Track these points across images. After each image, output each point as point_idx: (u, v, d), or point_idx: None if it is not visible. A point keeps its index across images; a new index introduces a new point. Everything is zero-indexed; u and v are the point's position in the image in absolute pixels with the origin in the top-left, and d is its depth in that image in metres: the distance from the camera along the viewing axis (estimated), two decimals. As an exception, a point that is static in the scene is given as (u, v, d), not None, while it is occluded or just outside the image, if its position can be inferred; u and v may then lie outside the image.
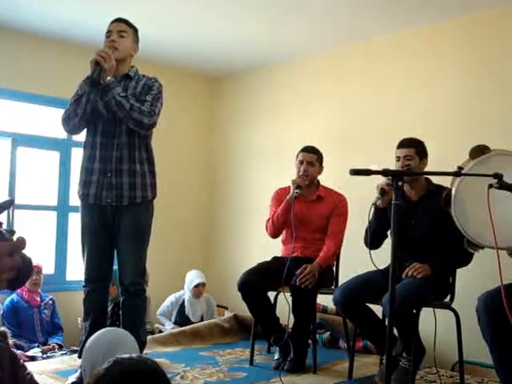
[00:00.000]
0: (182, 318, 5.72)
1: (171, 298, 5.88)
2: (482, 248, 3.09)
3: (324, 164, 4.55)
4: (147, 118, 3.62)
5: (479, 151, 3.05)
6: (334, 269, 4.52)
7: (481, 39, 4.79)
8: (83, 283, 3.83)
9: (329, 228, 4.40)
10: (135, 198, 3.71)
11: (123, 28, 3.77)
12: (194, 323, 5.56)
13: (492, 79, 4.71)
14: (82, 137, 3.92)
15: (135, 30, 3.85)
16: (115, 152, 3.68)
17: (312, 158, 4.45)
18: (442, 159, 4.06)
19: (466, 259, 3.69)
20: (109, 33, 3.75)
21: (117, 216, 3.72)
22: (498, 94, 4.67)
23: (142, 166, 3.75)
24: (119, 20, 3.81)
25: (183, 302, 5.82)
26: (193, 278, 5.81)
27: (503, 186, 2.75)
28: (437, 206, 3.38)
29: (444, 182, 3.53)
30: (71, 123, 3.71)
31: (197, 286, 5.75)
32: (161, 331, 5.48)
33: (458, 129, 4.84)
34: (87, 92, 3.63)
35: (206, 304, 5.88)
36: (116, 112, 3.61)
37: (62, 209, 5.91)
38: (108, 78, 3.58)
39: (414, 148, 3.88)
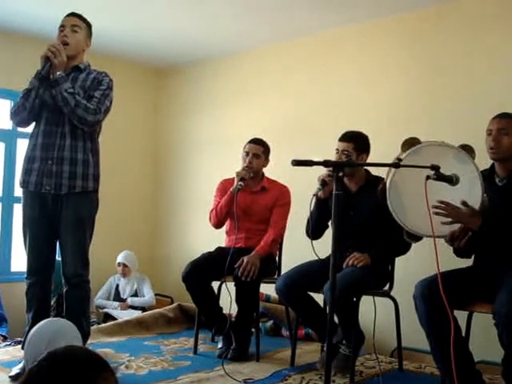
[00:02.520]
0: (116, 297, 6.06)
1: (109, 280, 6.19)
2: (421, 238, 3.20)
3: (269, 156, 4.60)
4: (92, 116, 3.58)
5: (410, 143, 3.14)
6: (277, 258, 4.58)
7: (422, 35, 4.89)
8: (25, 274, 3.79)
9: (271, 218, 4.45)
10: (75, 188, 3.66)
11: (76, 23, 3.73)
12: (125, 300, 5.98)
13: (434, 74, 4.81)
14: (28, 128, 3.88)
15: (89, 26, 3.83)
16: (58, 140, 3.64)
17: (258, 149, 4.48)
18: (385, 152, 4.12)
19: (404, 248, 3.79)
20: (62, 27, 3.71)
21: (57, 206, 3.67)
22: (440, 88, 4.77)
23: (86, 155, 3.70)
24: (73, 14, 3.77)
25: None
26: (118, 258, 6.16)
27: (440, 177, 2.84)
28: (375, 196, 3.45)
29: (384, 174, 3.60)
30: (19, 117, 3.70)
31: (118, 265, 6.12)
32: (108, 314, 5.65)
33: (400, 122, 4.91)
34: (36, 87, 3.61)
35: (137, 282, 6.14)
36: (61, 107, 3.58)
37: (7, 199, 5.85)
38: (58, 73, 3.54)
39: (353, 143, 3.93)
